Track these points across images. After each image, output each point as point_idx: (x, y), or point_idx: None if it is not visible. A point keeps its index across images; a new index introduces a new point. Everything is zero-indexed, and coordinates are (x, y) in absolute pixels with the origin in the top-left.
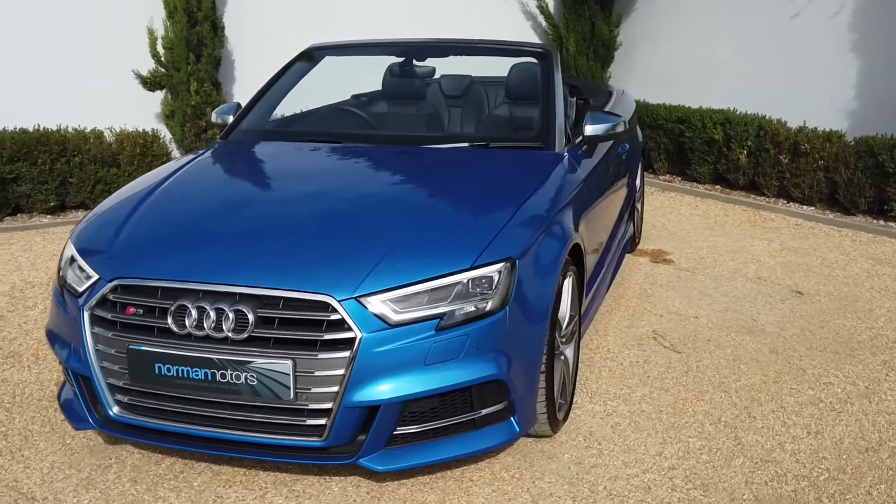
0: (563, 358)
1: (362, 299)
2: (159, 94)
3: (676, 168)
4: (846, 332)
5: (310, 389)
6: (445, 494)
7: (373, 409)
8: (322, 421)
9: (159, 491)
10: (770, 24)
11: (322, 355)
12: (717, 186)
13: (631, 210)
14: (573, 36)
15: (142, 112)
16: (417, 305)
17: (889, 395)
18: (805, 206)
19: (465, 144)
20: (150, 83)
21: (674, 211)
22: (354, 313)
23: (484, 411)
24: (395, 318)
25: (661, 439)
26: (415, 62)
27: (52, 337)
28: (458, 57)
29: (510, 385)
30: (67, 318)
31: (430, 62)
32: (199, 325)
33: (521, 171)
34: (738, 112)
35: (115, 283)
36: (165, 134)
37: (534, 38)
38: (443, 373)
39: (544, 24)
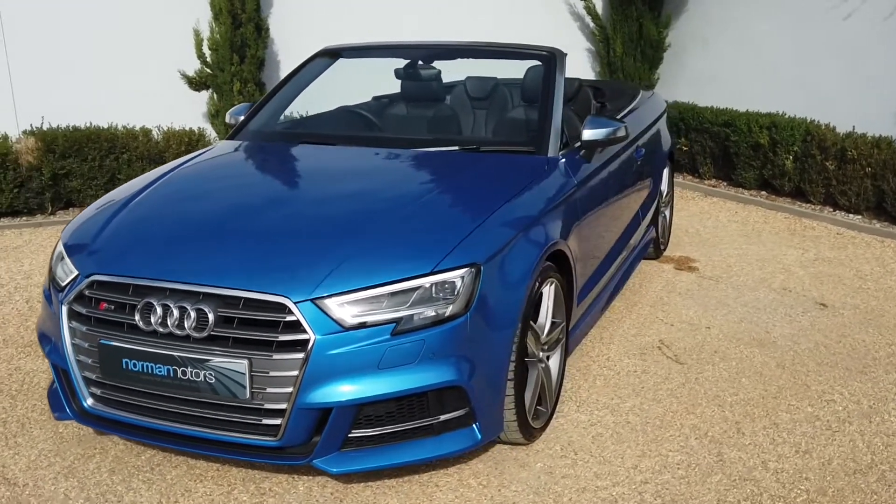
0: (542, 366)
1: (318, 301)
2: (205, 94)
3: (722, 173)
4: (863, 347)
5: (265, 389)
6: (408, 498)
7: (327, 410)
8: (277, 421)
9: (133, 482)
10: (823, 26)
11: (277, 356)
12: (763, 192)
13: (654, 215)
14: (620, 37)
15: (189, 111)
16: (375, 309)
17: (893, 416)
18: (851, 215)
19: (455, 148)
20: (195, 83)
21: (711, 217)
22: (309, 315)
23: (443, 417)
24: (351, 321)
25: (640, 452)
26: (419, 65)
27: (40, 332)
28: (472, 60)
29: (470, 392)
30: (51, 312)
31: (436, 65)
32: (164, 323)
33: (504, 176)
34: (785, 116)
35: (91, 278)
36: (211, 132)
37: (581, 40)
38: (397, 377)
39: (591, 24)
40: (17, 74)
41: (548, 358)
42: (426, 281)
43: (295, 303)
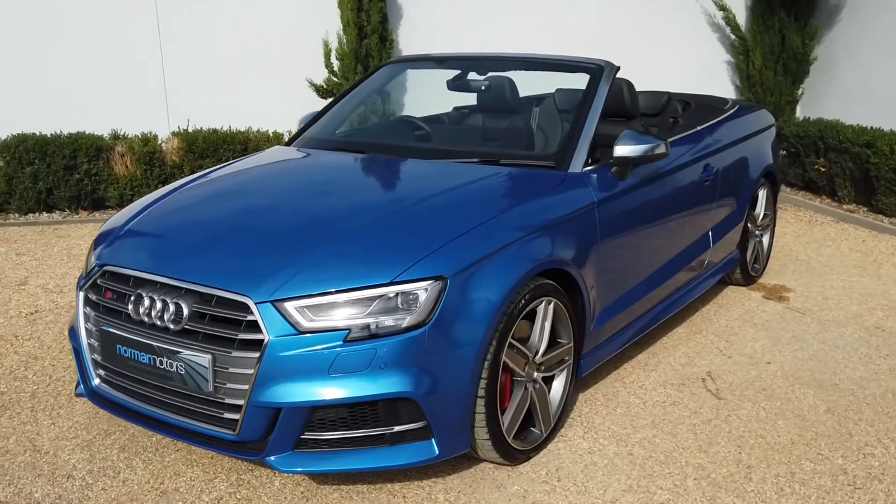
0: (536, 387)
1: (277, 303)
2: None
3: (863, 197)
4: None
5: (226, 385)
6: None
7: (279, 410)
8: (236, 416)
9: (135, 461)
10: None
11: (236, 353)
12: None
13: (742, 239)
14: (760, 49)
15: None
16: (331, 315)
17: None
18: None
19: (475, 161)
20: (322, 91)
21: (832, 245)
22: (267, 316)
23: (397, 428)
24: (306, 324)
25: (627, 486)
26: (470, 76)
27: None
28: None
29: (425, 405)
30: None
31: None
32: (149, 314)
33: (507, 189)
34: None
35: (104, 269)
36: None
37: (720, 51)
38: (346, 384)
39: (732, 36)
40: (170, 79)
41: (546, 379)
42: (386, 290)
43: (256, 303)
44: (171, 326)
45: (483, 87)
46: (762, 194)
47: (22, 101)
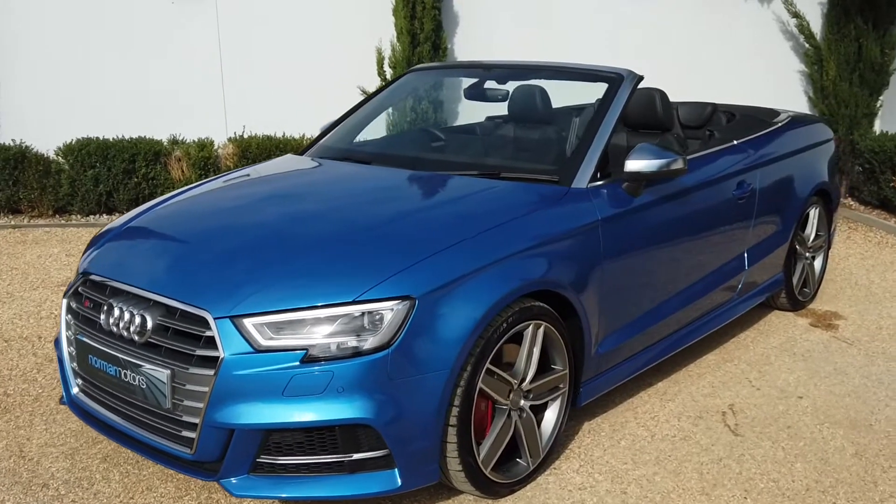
0: (523, 415)
1: (236, 320)
2: None
3: None
4: None
5: (183, 402)
6: None
7: (232, 431)
8: (192, 434)
9: (112, 473)
10: None
11: (193, 370)
12: None
13: (788, 262)
14: (835, 58)
15: None
16: (290, 333)
17: None
18: None
19: (475, 173)
20: None
21: None
22: (225, 333)
23: (357, 456)
24: (264, 343)
25: None
26: (487, 85)
27: None
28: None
29: (385, 433)
30: None
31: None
32: (118, 325)
33: (500, 204)
34: None
35: (85, 276)
36: None
37: (793, 61)
38: (300, 407)
39: (806, 45)
40: (229, 86)
41: (537, 407)
42: (349, 309)
43: (214, 318)
44: (136, 339)
45: (500, 97)
46: (813, 214)
47: (87, 106)
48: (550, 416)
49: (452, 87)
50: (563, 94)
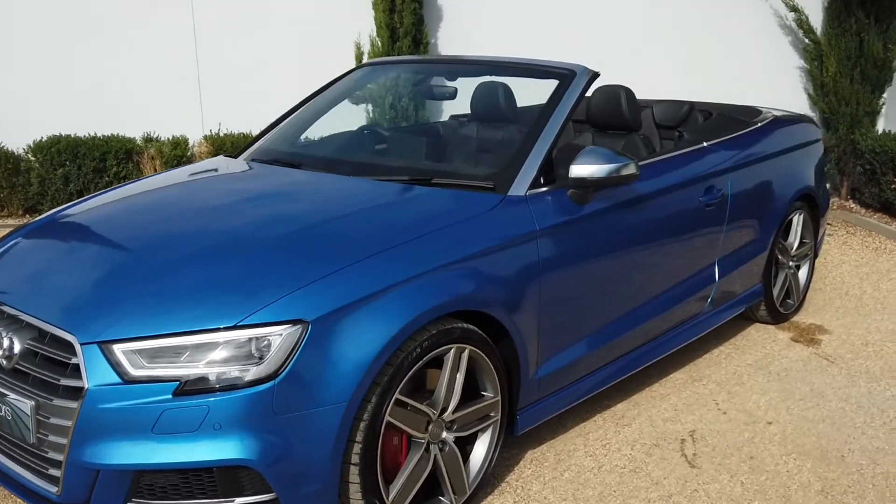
0: (445, 449)
1: (105, 345)
2: (362, 106)
3: None
4: None
5: (48, 437)
6: None
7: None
8: (58, 473)
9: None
10: None
11: (57, 402)
12: None
13: (767, 272)
14: (835, 54)
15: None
16: (163, 362)
17: None
18: None
19: (405, 178)
20: (354, 96)
21: None
22: (91, 360)
23: (239, 500)
24: (133, 372)
25: None
26: (434, 82)
27: None
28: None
29: (270, 476)
30: None
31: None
32: None
33: (421, 214)
34: None
35: None
36: None
37: (792, 56)
38: (172, 446)
39: (805, 40)
40: (205, 82)
41: (463, 439)
42: (230, 335)
43: (81, 344)
44: (4, 364)
45: (448, 94)
46: (797, 220)
47: (58, 103)
48: (480, 447)
49: (411, 84)
50: (533, 93)
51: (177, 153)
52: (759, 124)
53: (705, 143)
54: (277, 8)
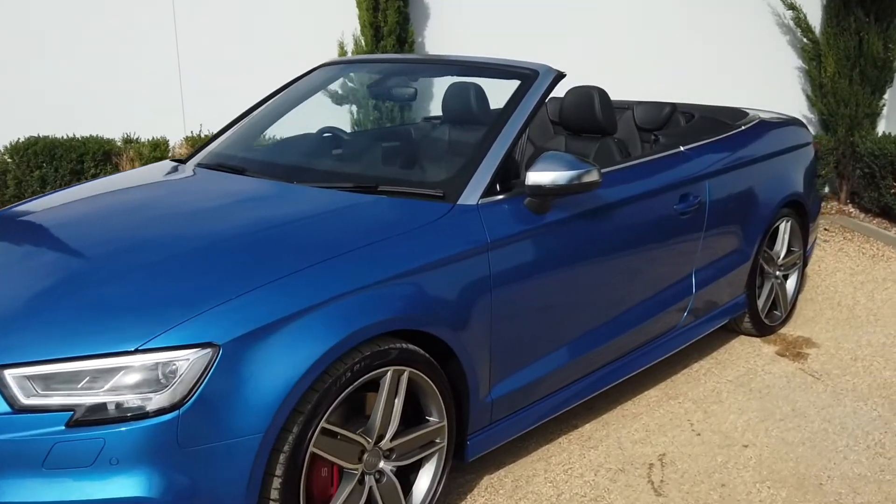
0: (383, 480)
1: None
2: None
3: None
4: None
5: None
6: None
7: None
8: None
9: None
10: None
11: None
12: None
13: (751, 282)
14: (834, 53)
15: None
16: (62, 389)
17: None
18: None
19: (350, 186)
20: (337, 97)
21: (892, 287)
22: None
23: None
24: (25, 401)
25: None
26: (393, 82)
27: None
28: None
29: None
30: None
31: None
32: None
33: (363, 226)
34: None
35: None
36: None
37: (790, 56)
38: (64, 483)
39: (804, 39)
40: (187, 83)
41: (405, 468)
42: (128, 360)
43: None
44: None
45: (407, 96)
46: (785, 227)
47: (37, 104)
48: (425, 477)
49: (369, 85)
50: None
51: (156, 155)
52: (743, 127)
53: (682, 148)
54: (260, 7)
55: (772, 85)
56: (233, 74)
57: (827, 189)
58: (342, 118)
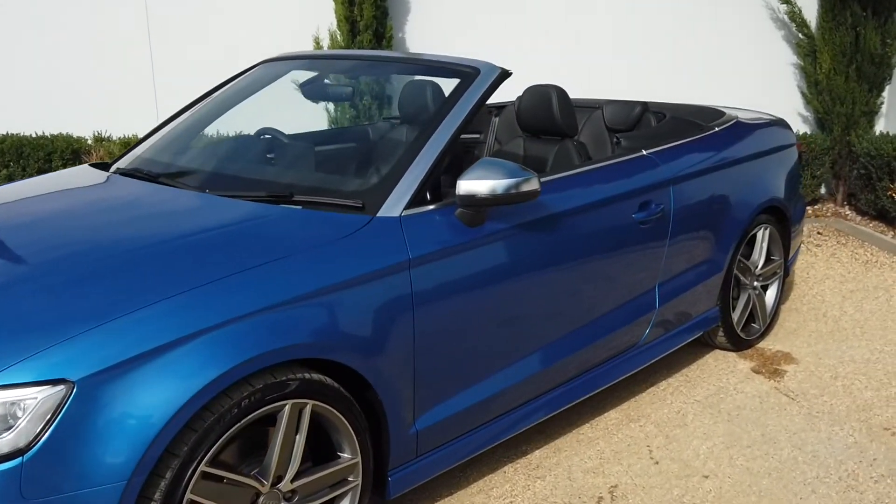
0: None
1: None
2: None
3: None
4: None
5: None
6: None
7: None
8: None
9: None
10: None
11: None
12: None
13: (725, 294)
14: (829, 49)
15: None
16: None
17: None
18: None
19: (263, 195)
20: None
21: (883, 296)
22: None
23: None
24: None
25: None
26: (328, 80)
27: None
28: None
29: None
30: None
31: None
32: None
33: (263, 242)
34: None
35: None
36: None
37: (785, 51)
38: None
39: (799, 34)
40: (160, 79)
41: None
42: None
43: None
44: None
45: (344, 95)
46: (762, 235)
47: (7, 100)
48: None
49: (304, 83)
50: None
51: None
52: (717, 129)
53: (644, 152)
54: (236, 3)
55: (766, 82)
56: (207, 72)
57: (823, 190)
58: (287, 119)
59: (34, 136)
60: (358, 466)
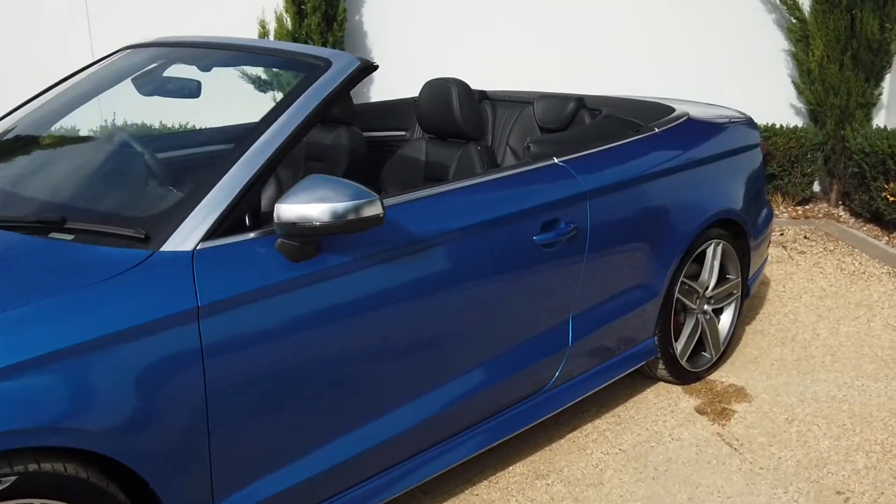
0: None
1: None
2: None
3: None
4: None
5: None
6: None
7: None
8: None
9: None
10: None
11: None
12: None
13: (665, 322)
14: (822, 34)
15: None
16: None
17: None
18: None
19: (31, 221)
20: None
21: (864, 315)
22: None
23: None
24: None
25: None
26: (170, 72)
27: None
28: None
29: None
30: None
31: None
32: None
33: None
34: None
35: None
36: None
37: (777, 37)
38: None
39: (792, 19)
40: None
41: None
42: None
43: None
44: None
45: (189, 91)
46: (713, 252)
47: None
48: None
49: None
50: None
51: None
52: (657, 129)
53: (556, 160)
54: None
55: (755, 70)
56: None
57: (817, 188)
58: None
59: None
60: None
